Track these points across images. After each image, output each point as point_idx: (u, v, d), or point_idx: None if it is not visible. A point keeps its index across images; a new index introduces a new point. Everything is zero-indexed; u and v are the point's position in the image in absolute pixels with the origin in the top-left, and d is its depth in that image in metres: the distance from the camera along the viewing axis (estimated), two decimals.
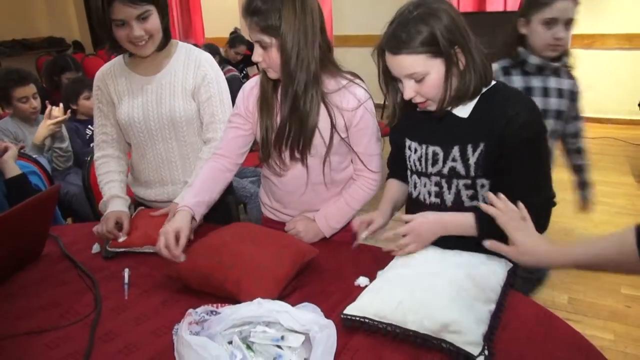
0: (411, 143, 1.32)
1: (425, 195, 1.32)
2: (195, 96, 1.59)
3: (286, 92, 1.34)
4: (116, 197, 1.57)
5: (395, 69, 1.17)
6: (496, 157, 1.17)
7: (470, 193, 1.24)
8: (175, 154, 1.62)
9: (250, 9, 1.27)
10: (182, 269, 1.21)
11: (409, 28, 1.11)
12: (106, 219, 1.48)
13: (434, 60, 1.12)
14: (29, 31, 7.89)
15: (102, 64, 1.69)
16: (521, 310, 1.09)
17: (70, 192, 2.57)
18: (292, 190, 1.49)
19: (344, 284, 1.22)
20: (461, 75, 1.15)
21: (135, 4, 1.38)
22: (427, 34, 1.10)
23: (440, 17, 1.10)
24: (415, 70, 1.13)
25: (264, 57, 1.31)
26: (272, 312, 1.00)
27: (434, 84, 1.15)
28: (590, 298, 2.48)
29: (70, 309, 1.17)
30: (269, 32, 1.26)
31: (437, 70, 1.13)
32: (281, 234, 1.35)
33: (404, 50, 1.12)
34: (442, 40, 1.10)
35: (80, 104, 2.86)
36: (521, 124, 1.13)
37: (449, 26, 1.10)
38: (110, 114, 1.63)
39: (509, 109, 1.15)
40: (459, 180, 1.24)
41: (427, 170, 1.28)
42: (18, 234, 1.30)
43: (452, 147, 1.22)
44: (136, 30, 1.42)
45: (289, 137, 1.37)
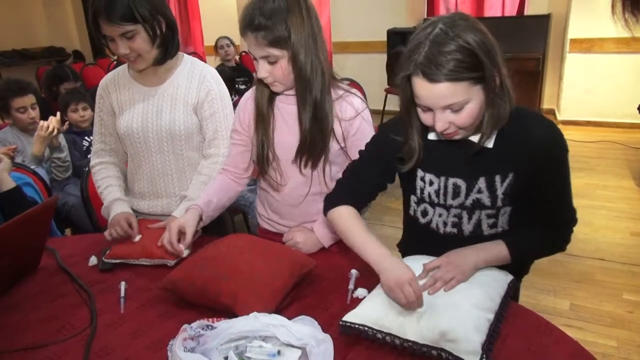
0: (425, 175, 1.21)
1: (439, 224, 1.24)
2: (197, 111, 1.57)
3: (305, 102, 1.33)
4: (118, 200, 1.57)
5: (430, 99, 1.02)
6: (526, 183, 1.13)
7: (492, 222, 1.19)
8: (171, 167, 1.61)
9: (253, 25, 1.23)
10: (178, 282, 1.20)
11: (447, 50, 0.97)
12: (116, 221, 1.46)
13: (474, 87, 1.00)
14: (29, 41, 7.92)
15: (102, 73, 1.70)
16: (521, 321, 1.08)
17: (69, 203, 2.56)
18: (289, 202, 1.49)
19: (343, 296, 1.21)
20: (498, 99, 1.05)
21: (115, 24, 1.37)
22: (468, 57, 0.97)
23: (477, 35, 0.99)
24: (455, 100, 1.00)
25: (271, 72, 1.30)
26: (269, 327, 1.00)
27: (472, 113, 1.03)
28: (592, 304, 2.46)
29: (66, 324, 1.16)
30: (278, 45, 1.25)
31: (477, 98, 1.02)
32: (278, 245, 1.35)
33: (445, 77, 0.97)
34: (486, 60, 0.98)
35: (68, 116, 2.87)
36: (549, 147, 1.09)
37: (488, 43, 1.00)
38: (110, 124, 1.63)
39: (534, 133, 1.09)
40: (482, 211, 1.18)
41: (447, 202, 1.20)
42: (15, 248, 1.29)
43: (476, 179, 1.15)
44: (120, 48, 1.42)
45: (311, 147, 1.37)
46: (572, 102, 5.58)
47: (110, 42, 1.43)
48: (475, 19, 1.04)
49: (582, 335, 2.22)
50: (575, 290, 2.58)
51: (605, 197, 3.69)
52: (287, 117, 1.41)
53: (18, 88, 2.57)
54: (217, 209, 1.48)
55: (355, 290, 1.21)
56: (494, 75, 1.01)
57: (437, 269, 1.10)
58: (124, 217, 1.48)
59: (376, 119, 1.41)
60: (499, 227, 1.21)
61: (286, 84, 1.34)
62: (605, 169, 4.26)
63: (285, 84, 1.34)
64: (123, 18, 1.36)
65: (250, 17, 1.24)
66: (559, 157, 1.11)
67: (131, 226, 1.47)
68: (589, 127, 5.48)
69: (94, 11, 1.37)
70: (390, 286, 1.03)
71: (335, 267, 1.35)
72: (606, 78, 5.33)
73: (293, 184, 1.46)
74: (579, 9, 5.29)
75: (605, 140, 4.99)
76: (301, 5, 1.26)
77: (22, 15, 7.88)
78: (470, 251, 1.14)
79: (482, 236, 1.21)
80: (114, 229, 1.46)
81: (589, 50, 5.34)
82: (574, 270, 2.73)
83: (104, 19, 1.36)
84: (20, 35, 7.81)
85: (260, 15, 1.23)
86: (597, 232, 3.18)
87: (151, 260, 1.41)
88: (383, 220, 3.41)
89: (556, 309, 2.44)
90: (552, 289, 2.57)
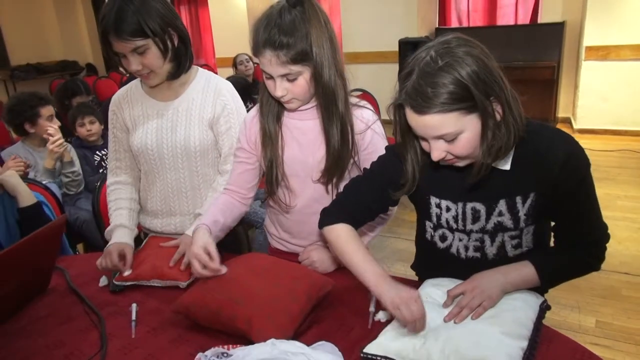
0: (440, 201, 1.16)
1: (460, 249, 1.18)
2: (213, 126, 1.52)
3: (331, 117, 1.27)
4: (121, 226, 1.52)
5: (421, 129, 0.99)
6: (549, 203, 1.07)
7: (516, 242, 1.13)
8: (186, 185, 1.56)
9: (274, 43, 1.16)
10: (191, 305, 1.14)
11: (434, 81, 0.92)
12: (109, 252, 1.40)
13: (467, 116, 0.95)
14: (43, 55, 8.04)
15: (114, 86, 1.67)
16: (556, 347, 1.01)
17: (80, 218, 2.54)
18: (300, 219, 1.43)
19: (363, 319, 1.14)
20: (498, 127, 0.98)
21: (125, 39, 1.32)
22: (457, 87, 0.92)
23: (469, 64, 0.92)
24: (446, 132, 0.96)
25: (290, 89, 1.23)
26: (287, 354, 0.94)
27: (468, 143, 0.98)
28: (619, 321, 2.36)
29: (75, 350, 1.11)
30: (301, 60, 1.19)
31: (473, 127, 0.96)
32: (294, 265, 1.29)
33: (432, 109, 0.93)
34: (476, 91, 0.92)
35: (77, 131, 2.86)
36: (570, 163, 1.02)
37: (481, 74, 0.93)
38: (124, 140, 1.58)
39: (556, 150, 1.03)
40: (505, 234, 1.12)
41: (466, 228, 1.14)
42: (24, 269, 1.26)
43: (496, 202, 1.09)
44: (132, 64, 1.37)
45: (340, 163, 1.31)
46: (588, 111, 5.48)
47: (122, 59, 1.39)
48: (475, 43, 0.98)
49: (610, 354, 2.13)
50: (601, 306, 2.49)
51: (627, 208, 3.59)
52: (296, 134, 1.35)
53: (42, 98, 2.61)
54: (224, 229, 1.38)
55: (376, 313, 1.15)
56: (491, 103, 0.95)
57: (461, 296, 1.04)
58: (117, 249, 1.41)
59: (388, 130, 1.35)
60: (523, 247, 1.14)
61: (304, 100, 1.29)
62: (626, 178, 4.15)
63: (303, 100, 1.28)
64: (133, 33, 1.32)
65: (268, 34, 1.16)
66: (581, 173, 1.04)
67: (125, 258, 1.40)
68: (607, 135, 5.37)
69: (103, 29, 1.33)
70: (396, 303, 0.98)
71: (353, 288, 1.28)
72: (623, 85, 5.23)
73: (303, 202, 1.40)
74: (594, 16, 5.21)
75: (625, 149, 4.88)
76: (318, 13, 1.21)
77: (36, 30, 8.00)
78: (497, 274, 1.07)
79: (507, 257, 1.15)
80: (104, 260, 1.40)
81: (605, 57, 5.26)
82: (598, 285, 2.63)
83: (113, 36, 1.32)
84: (35, 49, 7.93)
85: (280, 32, 1.16)
86: (620, 244, 3.08)
87: (163, 281, 1.36)
88: (397, 233, 3.34)
89: (581, 326, 2.35)
90: (577, 305, 2.48)
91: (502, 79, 0.97)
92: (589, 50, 5.32)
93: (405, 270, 2.73)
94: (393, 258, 3.10)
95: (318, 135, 1.32)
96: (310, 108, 1.33)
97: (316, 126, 1.32)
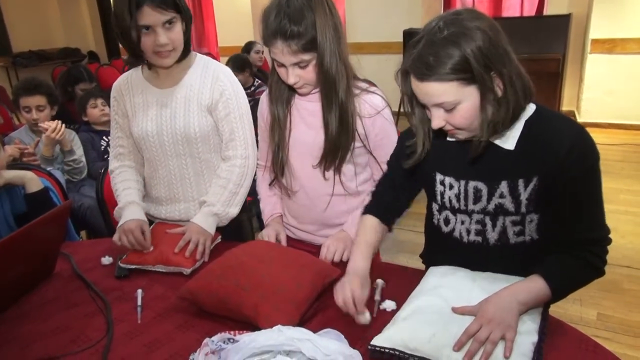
0: (444, 178, 1.17)
1: (462, 232, 1.18)
2: (212, 112, 1.52)
3: (330, 104, 1.30)
4: (133, 203, 1.51)
5: (422, 96, 1.03)
6: (552, 190, 1.05)
7: (518, 229, 1.12)
8: (189, 171, 1.55)
9: (285, 34, 1.19)
10: (197, 291, 1.15)
11: (437, 51, 0.95)
12: (129, 230, 1.40)
13: (466, 87, 0.97)
14: (45, 42, 7.98)
15: (116, 74, 1.66)
16: (561, 338, 1.01)
17: (84, 205, 2.53)
18: (305, 204, 1.45)
19: (369, 307, 1.14)
20: (498, 102, 0.99)
21: (164, 9, 1.34)
22: (458, 59, 0.94)
23: (474, 37, 0.94)
24: (444, 100, 0.99)
25: (302, 76, 1.27)
26: (294, 341, 0.94)
27: (466, 114, 1.00)
28: (620, 314, 2.37)
29: (81, 334, 1.12)
30: (309, 49, 1.22)
31: (471, 99, 0.98)
32: (300, 252, 1.29)
33: (432, 77, 0.97)
34: (476, 65, 0.94)
35: (88, 114, 2.85)
36: (577, 151, 1.01)
37: (485, 48, 0.94)
38: (126, 127, 1.58)
39: (564, 136, 1.02)
40: (506, 217, 1.11)
41: (468, 207, 1.14)
42: (30, 253, 1.26)
43: (498, 183, 1.08)
44: (161, 37, 1.36)
45: (336, 150, 1.33)
46: (593, 104, 5.45)
47: (144, 34, 1.36)
48: (485, 17, 0.99)
49: (609, 346, 2.08)
50: (602, 299, 2.49)
51: (630, 202, 3.58)
52: (304, 114, 1.38)
53: (27, 87, 2.56)
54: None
55: (382, 302, 1.15)
56: (492, 76, 0.97)
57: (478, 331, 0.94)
58: (138, 226, 1.42)
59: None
60: (526, 235, 1.13)
61: (315, 85, 1.32)
62: (630, 172, 4.14)
63: (315, 85, 1.32)
64: (168, 4, 1.34)
65: (278, 24, 1.19)
66: (587, 162, 1.02)
67: (144, 235, 1.41)
68: (611, 129, 5.34)
69: None
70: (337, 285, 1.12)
71: None
72: (629, 79, 5.20)
73: (304, 185, 1.42)
74: (601, 8, 5.16)
75: (629, 143, 4.85)
76: (323, 1, 1.22)
77: (38, 17, 7.94)
78: (507, 298, 0.99)
79: (508, 244, 1.13)
80: (126, 237, 1.40)
81: (611, 50, 5.22)
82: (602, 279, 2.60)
83: (149, 4, 1.32)
84: (37, 36, 7.88)
85: (291, 22, 1.18)
86: (623, 238, 3.07)
87: (167, 267, 1.36)
88: (400, 224, 3.33)
89: (583, 318, 2.35)
90: (578, 297, 2.48)
91: (508, 55, 0.99)
92: (594, 43, 5.27)
93: (407, 261, 2.73)
94: (395, 249, 3.10)
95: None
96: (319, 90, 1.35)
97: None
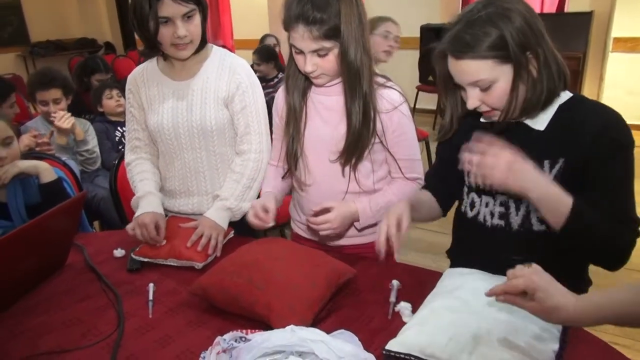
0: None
1: (486, 216, 1.19)
2: (228, 105, 1.50)
3: (354, 96, 1.27)
4: (150, 193, 1.50)
5: (458, 75, 1.05)
6: (578, 173, 1.03)
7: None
8: (203, 164, 1.54)
9: (308, 18, 1.16)
10: (209, 288, 1.13)
11: (475, 30, 0.99)
12: (143, 224, 1.38)
13: (502, 66, 1.00)
14: (63, 33, 8.06)
15: (132, 65, 1.64)
16: (585, 348, 0.98)
17: (98, 196, 2.54)
18: (319, 201, 1.38)
19: (384, 309, 1.12)
20: (532, 83, 1.02)
21: (184, 1, 1.33)
22: (495, 37, 0.98)
23: (511, 18, 0.98)
24: (480, 77, 1.02)
25: (319, 64, 1.24)
26: (306, 342, 0.92)
27: (501, 92, 1.03)
28: None
29: (92, 327, 1.11)
30: (332, 37, 1.19)
31: (506, 78, 1.01)
32: (315, 251, 1.26)
33: (469, 55, 1.00)
34: (513, 44, 0.97)
35: (104, 105, 2.86)
36: (610, 136, 1.00)
37: (521, 28, 0.98)
38: (142, 119, 1.57)
39: (596, 117, 1.02)
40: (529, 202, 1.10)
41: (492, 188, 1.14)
42: (43, 245, 1.25)
43: None
44: (180, 29, 1.35)
45: (358, 144, 1.30)
46: (613, 103, 5.14)
47: (164, 26, 1.35)
48: (521, 1, 1.02)
49: (629, 354, 2.05)
50: None
51: None
52: (320, 108, 1.35)
53: (42, 81, 2.57)
54: (283, 191, 1.50)
55: (397, 304, 1.12)
56: (527, 57, 1.00)
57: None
58: (153, 220, 1.40)
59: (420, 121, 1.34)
60: None
61: (332, 76, 1.28)
62: None
63: (332, 76, 1.28)
64: None
65: (302, 8, 1.17)
66: (616, 146, 1.01)
67: (159, 229, 1.40)
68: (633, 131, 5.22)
69: None
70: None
71: (374, 277, 1.26)
72: None
73: (319, 180, 1.39)
74: (623, 6, 5.04)
75: None
76: None
77: (56, 7, 8.01)
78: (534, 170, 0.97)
79: (532, 232, 1.12)
80: (139, 231, 1.39)
81: (633, 49, 5.10)
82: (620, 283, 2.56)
83: None
84: (55, 26, 7.96)
85: (314, 7, 1.16)
86: None
87: (179, 261, 1.35)
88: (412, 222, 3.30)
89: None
90: None
91: (544, 38, 1.01)
92: (616, 42, 5.16)
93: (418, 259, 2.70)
94: (407, 247, 3.06)
95: (341, 111, 1.31)
96: (337, 84, 1.32)
97: (340, 102, 1.31)
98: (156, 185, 1.56)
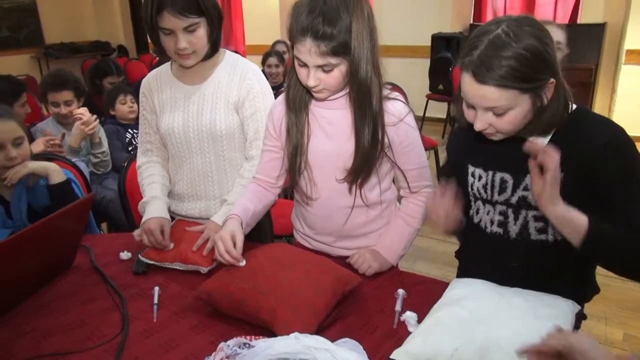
0: (475, 170, 1.20)
1: (486, 222, 1.21)
2: (238, 110, 1.50)
3: (364, 115, 1.22)
4: (156, 198, 1.51)
5: (475, 98, 1.02)
6: (579, 190, 1.03)
7: (540, 226, 1.11)
8: (212, 168, 1.54)
9: (317, 33, 1.10)
10: (214, 292, 1.13)
11: (505, 56, 0.95)
12: (150, 230, 1.38)
13: (522, 95, 0.98)
14: (77, 35, 8.15)
15: (144, 69, 1.65)
16: None
17: (106, 198, 2.55)
18: (323, 214, 1.38)
19: (389, 318, 1.11)
20: (541, 109, 1.02)
21: (183, 15, 1.33)
22: (526, 70, 0.95)
23: (535, 45, 0.95)
24: (499, 104, 0.99)
25: (323, 80, 1.18)
26: (311, 349, 0.91)
27: (514, 119, 1.01)
28: None
29: (96, 330, 1.11)
30: (340, 53, 1.14)
31: (523, 106, 1.00)
32: (320, 258, 1.25)
33: (493, 82, 0.96)
34: (534, 74, 0.96)
35: (117, 109, 2.88)
36: (615, 146, 1.00)
37: (545, 57, 0.97)
38: (154, 123, 1.58)
39: (592, 134, 1.02)
40: (528, 211, 1.12)
41: (493, 197, 1.17)
42: (50, 245, 1.26)
43: (524, 175, 1.10)
44: (181, 42, 1.36)
45: (368, 164, 1.27)
46: (625, 116, 5.27)
47: (166, 36, 1.37)
48: (542, 26, 1.00)
49: None
50: (629, 319, 2.39)
51: None
52: (323, 123, 1.31)
53: (54, 83, 2.59)
54: (255, 216, 1.37)
55: (403, 313, 1.11)
56: (547, 85, 0.99)
57: None
58: (158, 225, 1.40)
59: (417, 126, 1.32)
60: (549, 234, 1.12)
61: (335, 91, 1.24)
62: None
63: (335, 91, 1.24)
64: (189, 10, 1.33)
65: (311, 22, 1.10)
66: (624, 154, 1.01)
67: (164, 234, 1.40)
68: None
69: (159, 3, 1.32)
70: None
71: (380, 286, 1.25)
72: None
73: (325, 195, 1.35)
74: (637, 18, 5.01)
75: None
76: (362, 3, 1.15)
77: (71, 10, 8.11)
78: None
79: (529, 241, 1.14)
80: (146, 237, 1.39)
81: None
82: (629, 297, 2.53)
83: (170, 10, 1.31)
84: (70, 29, 8.05)
85: (325, 22, 1.10)
86: None
87: (185, 265, 1.35)
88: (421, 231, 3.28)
89: (608, 338, 2.27)
90: (604, 316, 2.39)
91: (557, 65, 1.01)
92: (629, 54, 5.12)
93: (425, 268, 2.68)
94: (415, 256, 3.05)
95: (347, 126, 1.27)
96: (340, 97, 1.27)
97: (344, 117, 1.27)
98: (163, 188, 1.57)
